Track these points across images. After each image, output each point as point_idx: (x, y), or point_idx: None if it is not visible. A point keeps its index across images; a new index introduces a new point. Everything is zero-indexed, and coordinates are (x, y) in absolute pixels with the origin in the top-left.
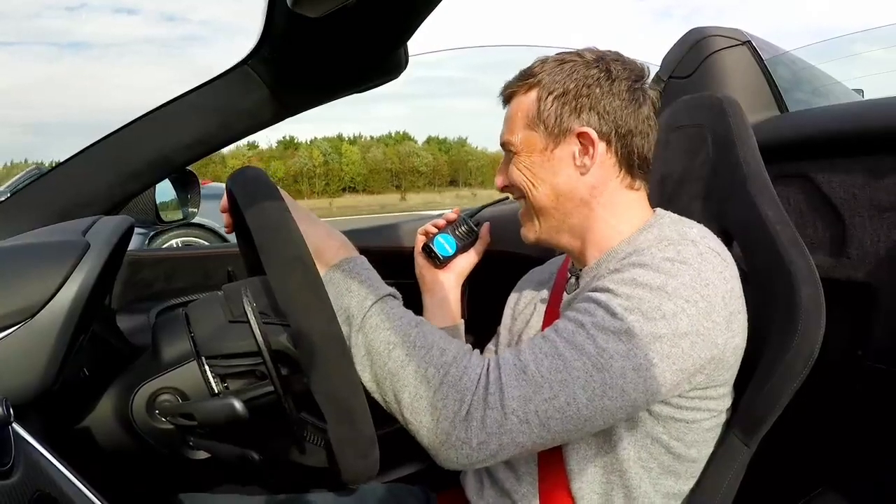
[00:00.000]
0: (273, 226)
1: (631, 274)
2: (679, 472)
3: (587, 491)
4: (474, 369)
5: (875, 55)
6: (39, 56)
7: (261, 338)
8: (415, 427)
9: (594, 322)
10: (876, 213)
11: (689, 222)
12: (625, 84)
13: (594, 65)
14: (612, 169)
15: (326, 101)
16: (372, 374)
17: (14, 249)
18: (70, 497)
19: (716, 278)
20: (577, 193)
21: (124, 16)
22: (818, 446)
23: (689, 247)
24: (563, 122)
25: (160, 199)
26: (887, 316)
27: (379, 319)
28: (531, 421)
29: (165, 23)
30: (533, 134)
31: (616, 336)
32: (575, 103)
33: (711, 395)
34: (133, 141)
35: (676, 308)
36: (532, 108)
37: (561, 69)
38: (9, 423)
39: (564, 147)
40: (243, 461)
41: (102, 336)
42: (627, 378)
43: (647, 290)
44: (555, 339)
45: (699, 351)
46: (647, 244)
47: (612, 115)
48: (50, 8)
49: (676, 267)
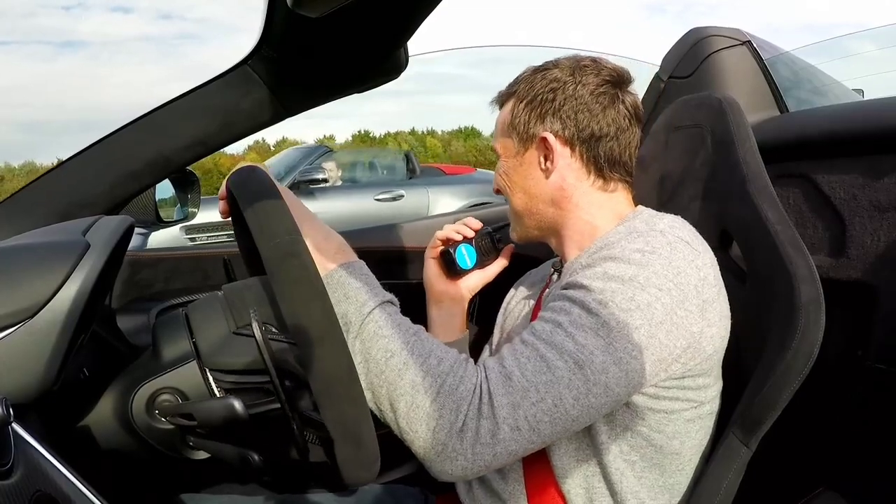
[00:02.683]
0: (280, 243)
1: (602, 268)
2: (663, 464)
3: (572, 485)
4: (470, 379)
5: (875, 54)
6: (35, 55)
7: (270, 362)
8: (410, 437)
9: (570, 320)
10: (876, 213)
11: (662, 215)
12: (590, 87)
13: (565, 70)
14: (581, 171)
15: (326, 101)
16: (368, 381)
17: (14, 249)
18: (69, 497)
19: (686, 266)
20: (546, 195)
21: (120, 14)
22: (818, 446)
23: (657, 237)
24: (529, 128)
25: (160, 199)
26: (887, 316)
27: (377, 326)
28: (522, 427)
29: (161, 21)
30: (508, 140)
31: (594, 332)
32: (540, 109)
33: (689, 386)
34: (133, 141)
35: (650, 297)
36: (507, 117)
37: (534, 77)
38: (8, 423)
39: (532, 152)
40: (243, 461)
41: (102, 336)
42: (610, 373)
43: (620, 283)
44: (535, 342)
45: (674, 339)
46: (616, 238)
47: (573, 119)
48: (45, 7)
49: (647, 257)
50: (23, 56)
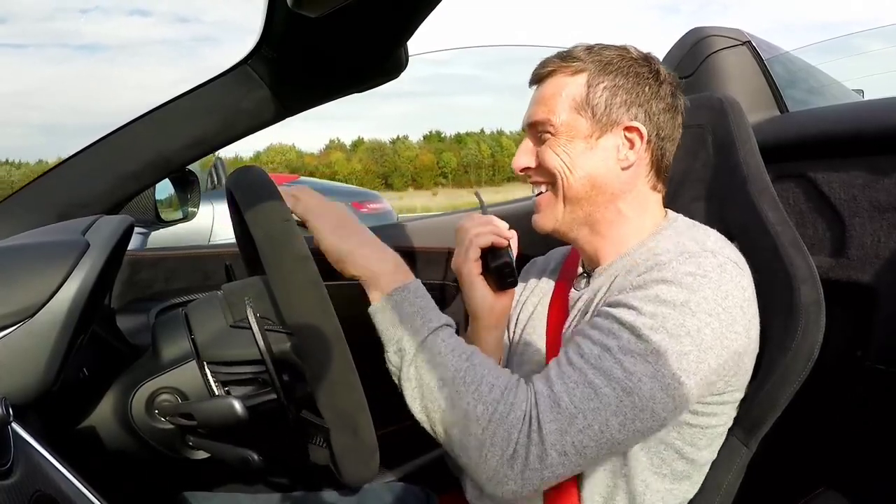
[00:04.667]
0: (276, 234)
1: (654, 291)
2: (690, 475)
3: (592, 493)
4: (520, 405)
5: (883, 52)
6: (52, 58)
7: (265, 348)
8: (464, 461)
9: (620, 346)
10: (876, 213)
11: (705, 229)
12: (669, 89)
13: (643, 63)
14: (645, 168)
15: (326, 101)
16: (422, 406)
17: (13, 249)
18: (69, 497)
19: (734, 289)
20: (611, 187)
21: (138, 17)
22: (818, 447)
23: (708, 259)
24: (612, 112)
25: (160, 199)
26: (887, 316)
27: (431, 354)
28: (569, 452)
29: (178, 24)
30: (579, 118)
31: (643, 358)
32: (626, 97)
33: (728, 400)
34: (133, 141)
35: (700, 323)
36: (580, 92)
37: (611, 60)
38: (8, 423)
39: (609, 138)
40: (243, 462)
41: (102, 336)
42: (657, 399)
43: (671, 308)
44: (583, 367)
45: (722, 361)
46: (667, 257)
47: (657, 117)
48: (62, 10)
49: (698, 281)
50: (41, 59)
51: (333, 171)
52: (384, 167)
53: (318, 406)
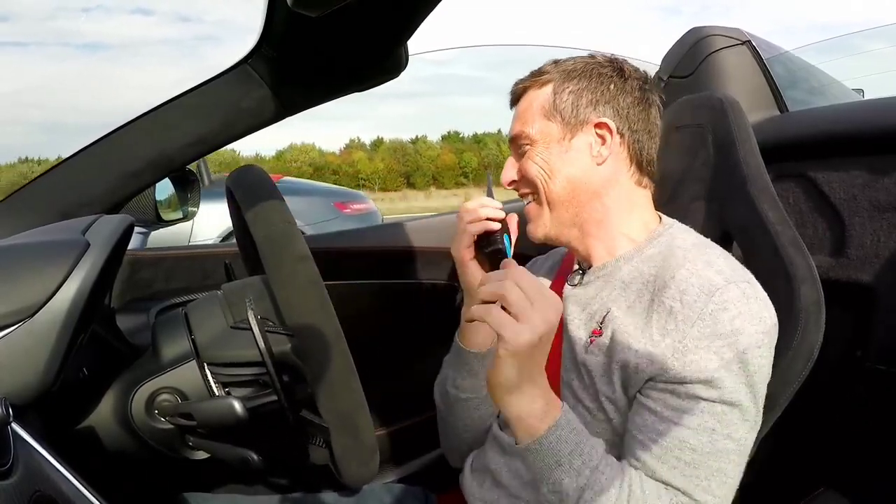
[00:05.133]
0: (276, 235)
1: (712, 351)
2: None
3: None
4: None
5: (884, 52)
6: (54, 57)
7: (265, 350)
8: None
9: (721, 423)
10: (876, 213)
11: (706, 242)
12: (637, 84)
13: (607, 64)
14: (624, 163)
15: (326, 101)
16: None
17: (14, 249)
18: (69, 497)
19: (761, 309)
20: (592, 185)
21: (140, 17)
22: (818, 447)
23: (733, 291)
24: (579, 112)
25: (160, 198)
26: (887, 316)
27: (593, 492)
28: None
29: (180, 23)
30: (549, 124)
31: (741, 419)
32: (591, 96)
33: None
34: (133, 140)
35: (761, 360)
36: (548, 100)
37: (574, 67)
38: (8, 423)
39: (581, 137)
40: (243, 462)
41: (102, 336)
42: (751, 437)
43: (737, 363)
44: (707, 462)
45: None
46: (692, 295)
47: (626, 111)
48: (64, 9)
49: (737, 323)
50: (42, 58)
51: (356, 169)
52: (406, 166)
53: (318, 407)
